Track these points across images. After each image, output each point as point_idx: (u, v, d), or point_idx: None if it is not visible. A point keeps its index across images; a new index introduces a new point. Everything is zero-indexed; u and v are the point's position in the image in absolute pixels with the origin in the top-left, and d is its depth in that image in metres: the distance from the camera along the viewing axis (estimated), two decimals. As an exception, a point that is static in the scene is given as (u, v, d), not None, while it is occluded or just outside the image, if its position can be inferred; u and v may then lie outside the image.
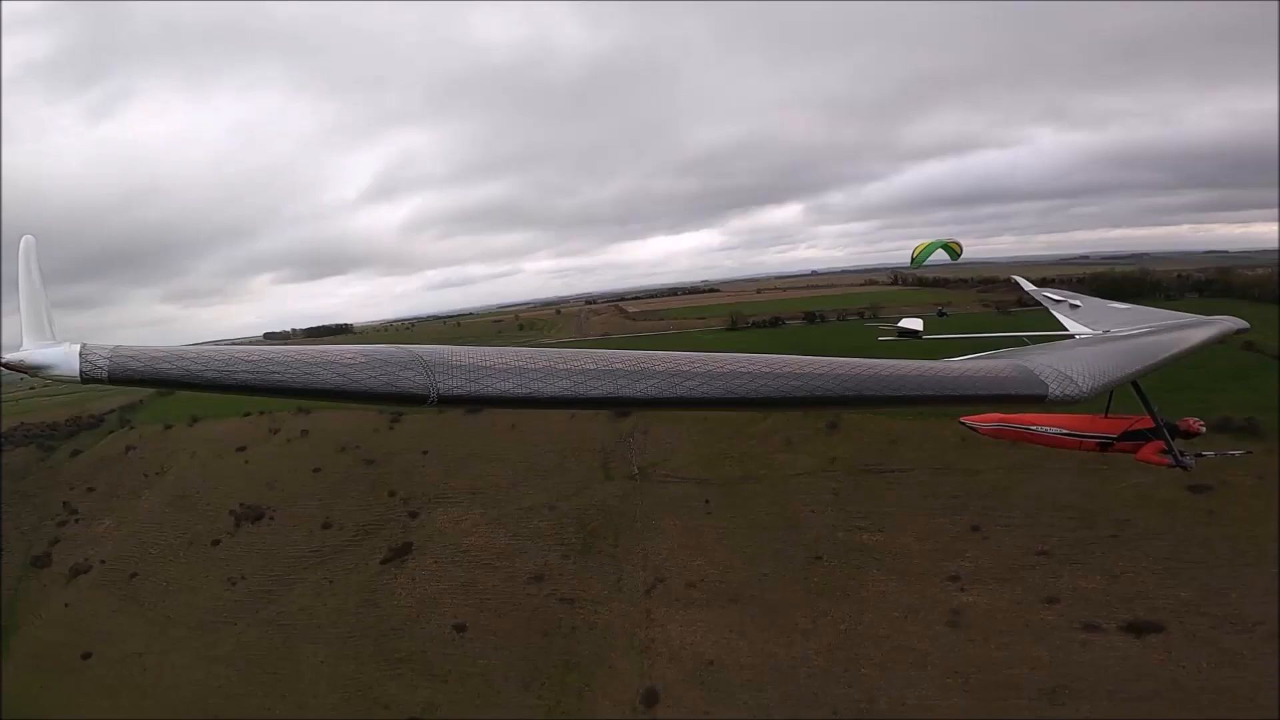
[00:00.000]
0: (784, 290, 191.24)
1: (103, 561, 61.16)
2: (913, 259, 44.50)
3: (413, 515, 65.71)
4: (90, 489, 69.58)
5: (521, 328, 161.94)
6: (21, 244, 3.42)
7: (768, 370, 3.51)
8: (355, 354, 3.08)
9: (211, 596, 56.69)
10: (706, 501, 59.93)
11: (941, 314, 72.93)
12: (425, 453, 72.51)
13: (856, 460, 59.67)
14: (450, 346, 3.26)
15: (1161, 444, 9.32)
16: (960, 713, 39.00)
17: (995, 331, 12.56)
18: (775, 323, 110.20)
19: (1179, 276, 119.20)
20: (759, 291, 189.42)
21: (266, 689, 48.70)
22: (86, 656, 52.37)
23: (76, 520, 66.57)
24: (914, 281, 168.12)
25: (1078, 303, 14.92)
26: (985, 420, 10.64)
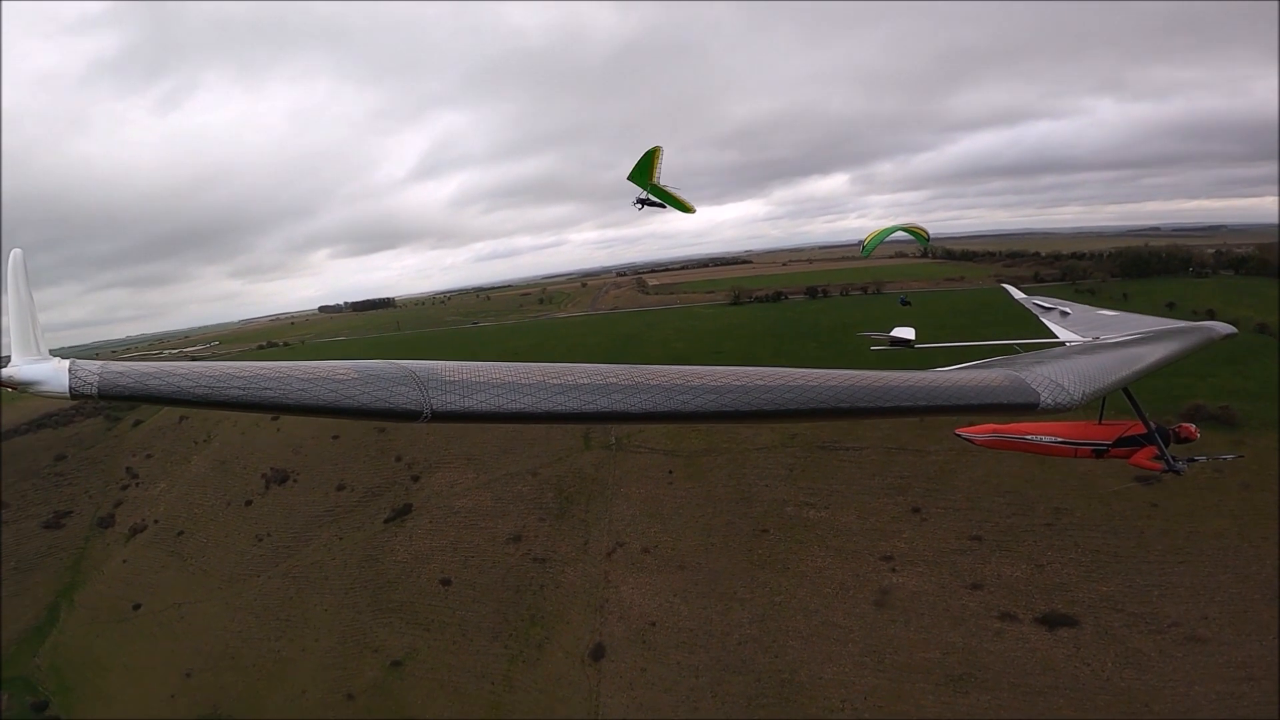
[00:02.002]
0: (810, 262, 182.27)
1: (156, 521, 66.92)
2: (863, 247, 41.36)
3: (415, 479, 68.40)
4: (149, 455, 75.71)
5: (542, 302, 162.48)
6: (10, 257, 3.24)
7: (761, 383, 3.38)
8: (349, 370, 2.95)
9: (241, 551, 61.49)
10: (670, 472, 59.75)
11: (904, 303, 67.56)
12: (431, 421, 74.73)
13: (815, 437, 57.78)
14: (444, 361, 3.14)
15: (1155, 449, 8.95)
16: (870, 691, 38.50)
17: (985, 340, 12.16)
18: (777, 298, 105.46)
19: (1217, 253, 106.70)
20: (784, 264, 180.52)
21: (277, 633, 53.03)
22: (137, 607, 58.18)
23: (137, 484, 72.73)
24: (941, 255, 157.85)
25: (1067, 310, 14.61)
26: (980, 431, 10.20)
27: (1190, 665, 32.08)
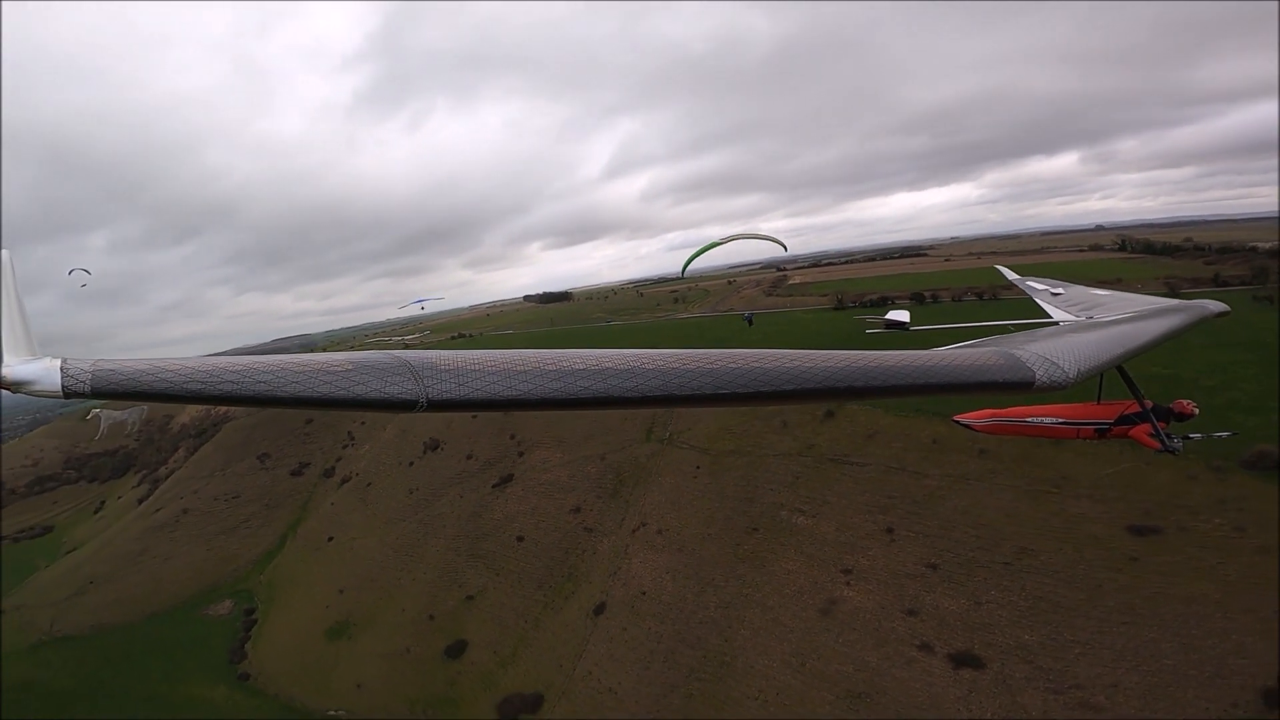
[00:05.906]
0: (978, 256, 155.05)
1: (357, 474, 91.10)
2: (682, 269, 41.85)
3: (520, 454, 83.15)
4: (363, 422, 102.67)
5: (677, 300, 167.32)
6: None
7: (757, 365, 3.31)
8: (343, 362, 2.91)
9: (398, 501, 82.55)
10: (697, 467, 64.56)
11: (748, 321, 56.60)
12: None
13: (830, 449, 57.67)
14: (438, 351, 3.11)
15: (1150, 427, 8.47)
16: (782, 689, 41.06)
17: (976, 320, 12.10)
18: (881, 303, 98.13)
19: None
20: (947, 260, 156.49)
21: (400, 566, 71.68)
22: (330, 539, 79.96)
23: (353, 444, 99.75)
24: (1142, 249, 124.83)
25: (1060, 290, 14.06)
26: (979, 416, 9.35)
27: (1066, 730, 29.05)
